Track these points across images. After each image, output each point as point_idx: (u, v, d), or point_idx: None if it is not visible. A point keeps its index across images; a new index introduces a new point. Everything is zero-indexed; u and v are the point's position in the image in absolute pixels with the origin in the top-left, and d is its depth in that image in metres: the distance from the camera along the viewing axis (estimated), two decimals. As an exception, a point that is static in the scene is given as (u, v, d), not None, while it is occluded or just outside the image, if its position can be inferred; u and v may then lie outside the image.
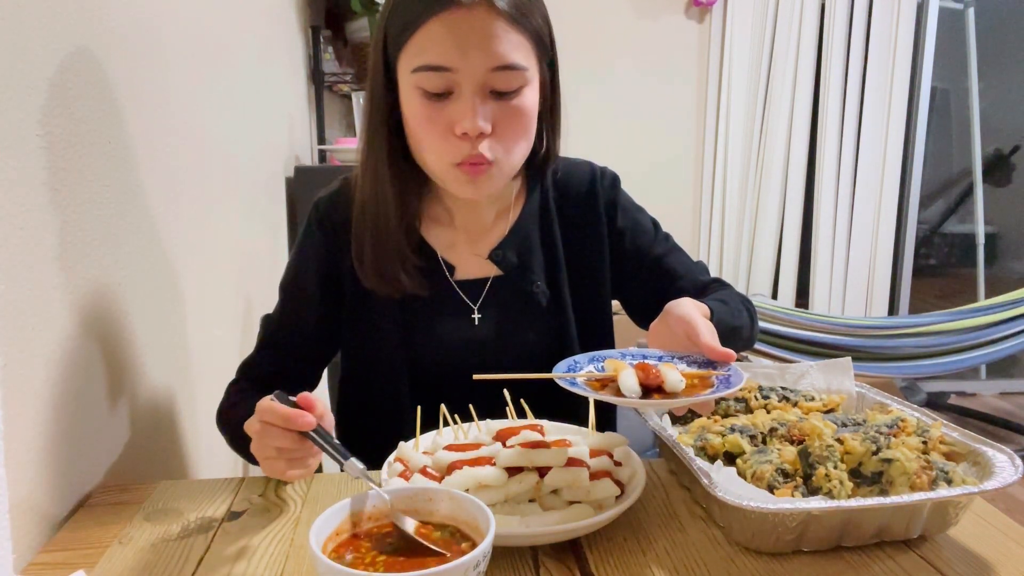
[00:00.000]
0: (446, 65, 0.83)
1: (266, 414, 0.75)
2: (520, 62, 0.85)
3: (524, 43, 0.86)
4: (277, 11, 2.04)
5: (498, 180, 0.92)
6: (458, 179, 0.89)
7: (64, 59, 0.83)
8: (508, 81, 0.85)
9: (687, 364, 0.80)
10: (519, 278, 1.01)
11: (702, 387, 0.76)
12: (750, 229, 3.49)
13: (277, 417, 0.73)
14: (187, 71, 1.25)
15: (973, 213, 3.73)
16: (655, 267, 1.05)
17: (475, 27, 0.82)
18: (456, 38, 0.82)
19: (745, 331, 1.00)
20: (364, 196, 0.96)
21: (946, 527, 0.74)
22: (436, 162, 0.89)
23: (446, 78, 0.84)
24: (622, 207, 1.06)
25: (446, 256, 1.00)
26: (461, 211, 1.01)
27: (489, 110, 0.85)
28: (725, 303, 0.96)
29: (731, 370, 0.77)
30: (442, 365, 1.00)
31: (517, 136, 0.89)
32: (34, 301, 0.76)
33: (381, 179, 0.93)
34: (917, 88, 3.47)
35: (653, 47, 3.37)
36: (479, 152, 0.86)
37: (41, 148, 0.78)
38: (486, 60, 0.83)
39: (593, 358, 0.82)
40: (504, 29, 0.83)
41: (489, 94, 0.85)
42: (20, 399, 0.73)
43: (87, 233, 0.88)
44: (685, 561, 0.70)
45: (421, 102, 0.86)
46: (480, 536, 0.60)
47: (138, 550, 0.73)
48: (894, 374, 2.86)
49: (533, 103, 0.90)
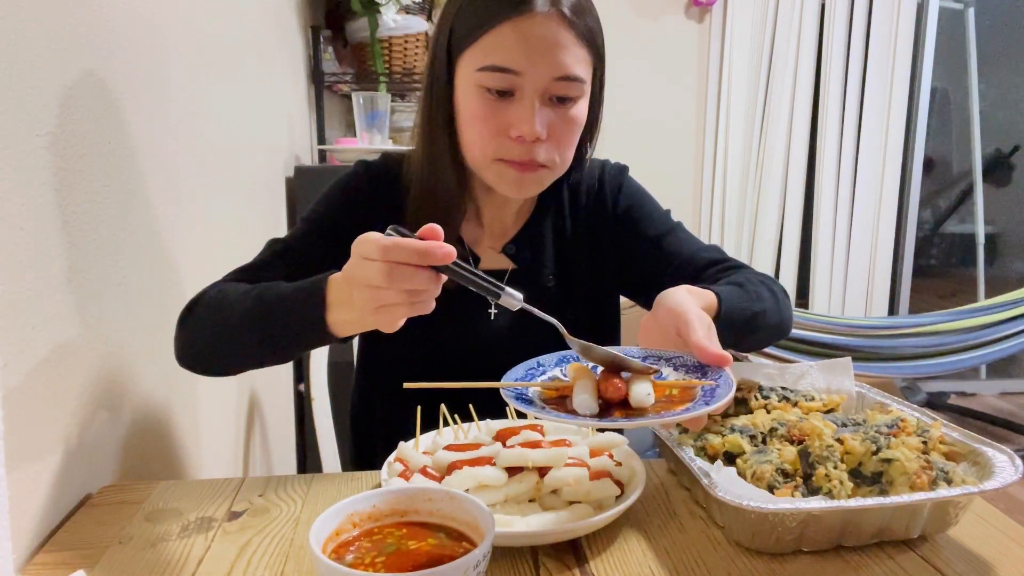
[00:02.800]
0: (513, 68, 0.86)
1: (395, 251, 0.62)
2: (581, 74, 0.89)
3: (586, 57, 0.90)
4: (277, 11, 2.04)
5: (545, 182, 0.95)
6: (502, 175, 0.92)
7: (64, 59, 0.83)
8: (568, 90, 0.89)
9: (673, 368, 0.71)
10: (531, 272, 1.03)
11: (682, 400, 0.66)
12: (750, 229, 3.49)
13: (411, 253, 0.62)
14: (187, 71, 1.25)
15: (973, 213, 3.73)
16: (656, 246, 1.05)
17: (545, 36, 0.85)
18: (526, 44, 0.85)
19: (771, 315, 0.92)
20: (423, 182, 0.97)
21: (946, 527, 0.74)
22: (482, 156, 0.91)
23: (510, 80, 0.87)
24: (626, 191, 1.08)
25: (473, 248, 1.03)
26: (489, 209, 1.04)
27: (546, 116, 0.89)
28: (740, 286, 0.90)
29: (720, 379, 0.67)
30: (460, 355, 1.01)
31: (569, 143, 0.93)
32: (34, 301, 0.76)
33: (444, 169, 0.95)
34: (917, 88, 3.47)
35: (653, 47, 3.37)
36: (532, 156, 0.89)
37: (41, 148, 0.78)
38: (552, 69, 0.86)
39: (561, 359, 0.75)
40: (572, 42, 0.87)
41: (547, 100, 0.89)
42: (20, 399, 0.73)
43: (87, 233, 0.88)
44: (685, 561, 0.70)
45: (482, 99, 0.88)
46: (480, 536, 0.60)
47: (138, 550, 0.73)
48: (894, 374, 2.86)
49: (584, 114, 0.94)
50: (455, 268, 0.63)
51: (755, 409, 0.89)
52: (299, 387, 2.13)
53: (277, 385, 1.92)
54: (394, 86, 2.51)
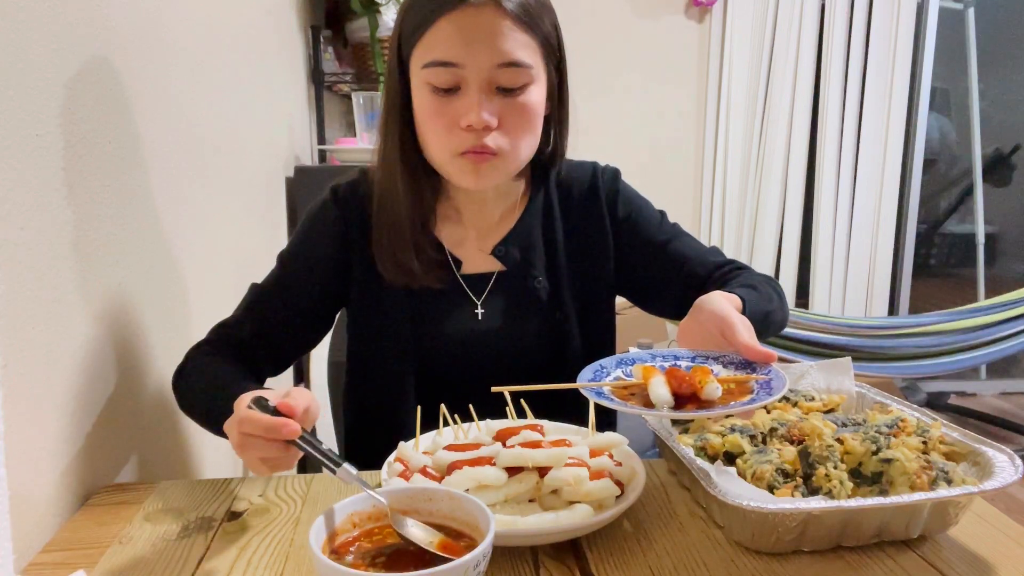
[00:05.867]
0: (453, 61, 0.87)
1: (246, 424, 0.71)
2: (525, 60, 0.89)
3: (530, 43, 0.89)
4: (277, 11, 2.04)
5: (502, 171, 0.94)
6: (461, 168, 0.92)
7: (64, 59, 0.83)
8: (513, 78, 0.89)
9: (722, 366, 0.76)
10: (521, 273, 1.03)
11: (739, 393, 0.72)
12: (750, 229, 3.49)
13: (259, 428, 0.70)
14: (187, 71, 1.25)
15: (973, 213, 3.73)
16: (661, 252, 1.05)
17: (482, 25, 0.86)
18: (464, 35, 0.86)
19: (778, 314, 0.97)
20: (381, 188, 0.99)
21: (946, 527, 0.74)
22: (440, 153, 0.92)
23: (453, 73, 0.87)
24: (623, 198, 1.08)
25: (454, 251, 1.03)
26: (469, 209, 1.04)
27: (495, 105, 0.89)
28: (754, 289, 0.94)
29: (771, 372, 0.73)
30: (447, 357, 1.01)
31: (522, 131, 0.92)
32: (34, 301, 0.76)
33: (394, 172, 0.97)
34: (917, 88, 3.46)
35: (653, 47, 3.37)
36: (483, 143, 0.89)
37: (41, 148, 0.78)
38: (491, 56, 0.87)
39: (620, 361, 0.79)
40: (510, 28, 0.87)
41: (495, 90, 0.89)
42: (20, 399, 0.73)
43: (87, 233, 0.88)
44: (685, 561, 0.70)
45: (430, 97, 0.90)
46: (480, 536, 0.60)
47: (138, 550, 0.73)
48: (894, 374, 2.86)
49: (538, 101, 0.93)
50: (300, 444, 0.69)
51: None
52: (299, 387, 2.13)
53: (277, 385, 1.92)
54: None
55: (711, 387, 0.69)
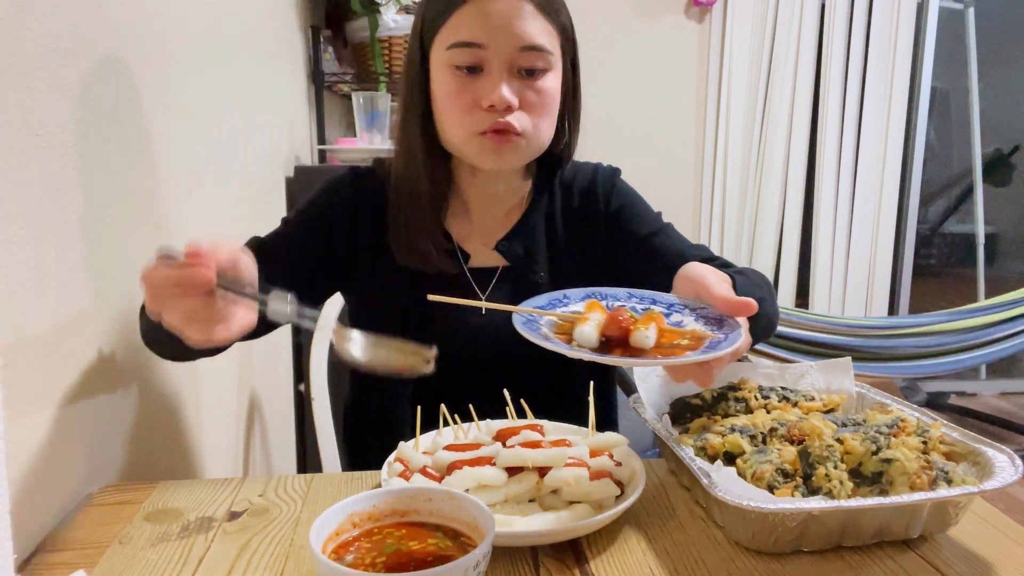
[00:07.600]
0: (477, 41, 0.90)
1: (154, 283, 0.66)
2: (545, 44, 0.92)
3: (550, 30, 0.93)
4: (277, 11, 2.04)
5: (524, 152, 0.96)
6: (482, 147, 0.94)
7: (64, 59, 0.83)
8: (533, 61, 0.92)
9: (695, 318, 0.72)
10: (524, 268, 1.05)
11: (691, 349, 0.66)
12: (750, 229, 3.49)
13: (167, 283, 0.65)
14: (187, 71, 1.25)
15: (973, 213, 3.73)
16: (645, 245, 1.07)
17: (506, 10, 0.90)
18: (488, 18, 0.89)
19: (769, 305, 0.95)
20: (400, 173, 1.00)
21: (946, 527, 0.74)
22: (461, 134, 0.94)
23: (476, 54, 0.90)
24: (617, 192, 1.10)
25: (462, 245, 1.05)
26: (478, 205, 1.06)
27: (516, 87, 0.92)
28: (744, 276, 0.94)
29: (730, 335, 0.66)
30: (450, 351, 1.01)
31: (542, 113, 0.95)
32: (35, 301, 0.76)
33: (415, 156, 0.98)
34: (917, 88, 3.47)
35: (653, 47, 3.37)
36: (506, 120, 0.91)
37: (41, 148, 0.78)
38: (515, 39, 0.90)
39: (588, 295, 0.75)
40: (532, 14, 0.91)
41: (516, 73, 0.92)
42: (20, 399, 0.73)
43: (87, 233, 0.88)
44: (685, 561, 0.70)
45: (452, 76, 0.92)
46: (480, 536, 0.60)
47: (138, 550, 0.73)
48: (894, 374, 2.86)
49: (556, 88, 0.96)
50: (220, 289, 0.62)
51: (755, 409, 0.89)
52: (299, 387, 2.13)
53: (277, 385, 1.92)
54: (394, 86, 2.51)
55: (640, 334, 0.64)
